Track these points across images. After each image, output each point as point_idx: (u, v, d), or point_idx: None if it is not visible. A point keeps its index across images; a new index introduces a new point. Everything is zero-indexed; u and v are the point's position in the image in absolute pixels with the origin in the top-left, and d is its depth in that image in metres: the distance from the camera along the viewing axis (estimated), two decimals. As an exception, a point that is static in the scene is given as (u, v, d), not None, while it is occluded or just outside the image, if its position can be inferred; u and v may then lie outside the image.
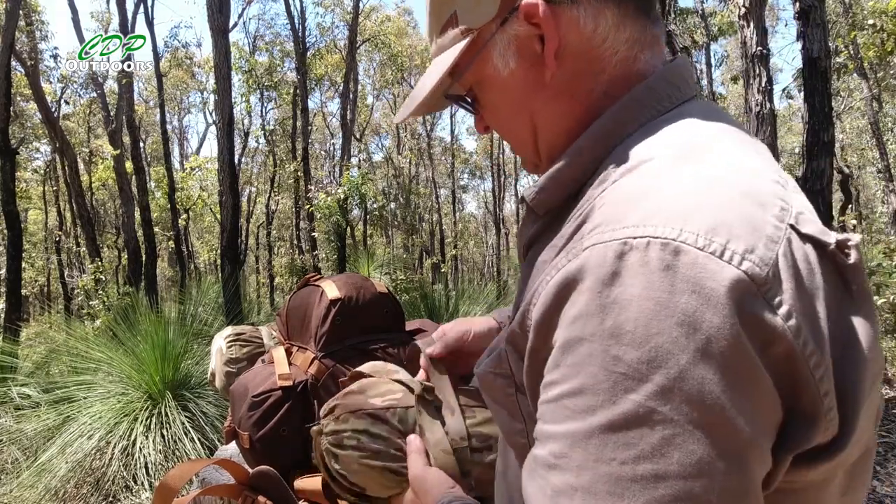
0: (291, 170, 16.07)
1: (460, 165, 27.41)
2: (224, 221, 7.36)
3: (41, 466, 3.33)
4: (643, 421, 0.39)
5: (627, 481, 0.39)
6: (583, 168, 0.53)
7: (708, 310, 0.38)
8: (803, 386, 0.40)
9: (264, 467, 1.09)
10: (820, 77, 4.16)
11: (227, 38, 7.55)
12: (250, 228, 21.63)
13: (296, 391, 1.17)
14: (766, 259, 0.40)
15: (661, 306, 0.39)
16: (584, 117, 0.56)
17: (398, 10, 22.70)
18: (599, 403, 0.40)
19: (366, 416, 0.85)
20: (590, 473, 0.40)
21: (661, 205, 0.43)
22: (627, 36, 0.54)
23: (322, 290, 1.29)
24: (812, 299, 0.41)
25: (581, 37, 0.54)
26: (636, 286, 0.40)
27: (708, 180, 0.44)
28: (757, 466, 0.40)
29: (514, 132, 0.62)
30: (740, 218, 0.42)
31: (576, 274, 0.43)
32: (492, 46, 0.57)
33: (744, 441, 0.39)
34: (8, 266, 6.90)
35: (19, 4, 6.88)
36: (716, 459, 0.38)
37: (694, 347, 0.38)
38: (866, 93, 11.77)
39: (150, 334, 3.88)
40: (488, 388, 0.60)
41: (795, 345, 0.40)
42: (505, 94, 0.59)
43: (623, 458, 0.39)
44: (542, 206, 0.57)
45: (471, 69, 0.59)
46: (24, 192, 17.49)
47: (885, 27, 6.97)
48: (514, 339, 0.53)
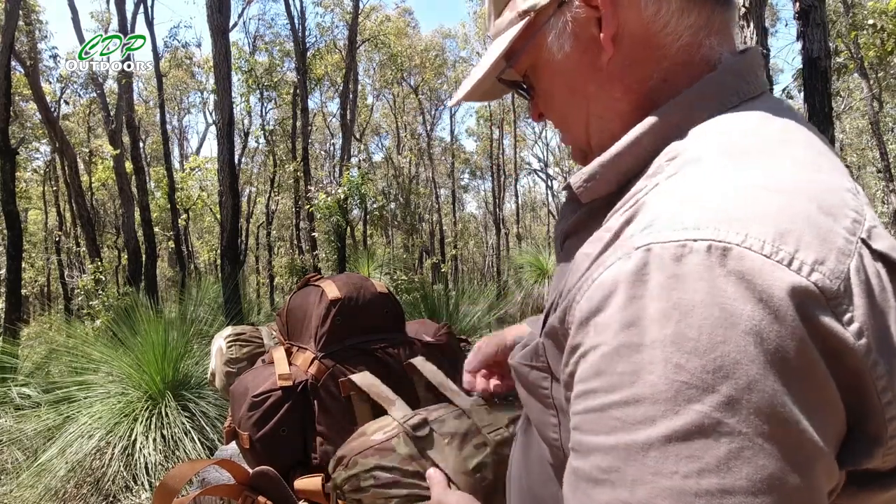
0: (291, 170, 16.07)
1: (460, 165, 27.41)
2: (224, 221, 7.36)
3: (41, 466, 3.33)
4: (708, 432, 0.37)
5: (690, 496, 0.36)
6: (637, 159, 0.51)
7: (776, 320, 0.37)
8: (868, 406, 0.39)
9: (264, 467, 1.09)
10: (820, 77, 4.16)
11: (227, 38, 7.55)
12: (250, 228, 21.63)
13: (296, 391, 1.17)
14: (837, 273, 0.38)
15: (727, 314, 0.37)
16: (640, 105, 0.54)
17: (398, 10, 22.69)
18: (660, 414, 0.38)
19: (373, 454, 0.88)
20: (647, 488, 0.38)
21: (723, 206, 0.41)
22: (692, 21, 0.52)
23: (322, 290, 1.29)
24: (884, 319, 0.39)
25: (641, 21, 0.52)
26: (699, 291, 0.38)
27: (775, 184, 0.42)
28: (824, 479, 0.38)
29: (566, 118, 0.61)
30: (809, 227, 0.40)
31: (628, 275, 0.41)
32: (548, 29, 0.55)
33: (814, 454, 0.37)
34: (8, 266, 6.90)
35: (19, 4, 6.88)
36: (786, 474, 0.36)
37: (763, 358, 0.36)
38: (866, 93, 11.77)
39: (150, 334, 3.87)
40: (523, 380, 0.58)
41: (864, 364, 0.38)
42: (559, 78, 0.57)
43: (686, 472, 0.37)
44: (588, 195, 0.55)
45: (526, 52, 0.58)
46: (24, 192, 17.49)
47: (885, 27, 6.97)
48: (554, 335, 0.51)
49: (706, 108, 0.50)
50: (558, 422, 0.54)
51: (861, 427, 0.40)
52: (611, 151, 0.52)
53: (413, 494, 0.85)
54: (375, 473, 0.86)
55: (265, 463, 1.11)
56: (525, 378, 0.58)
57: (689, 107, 0.50)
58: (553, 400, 0.54)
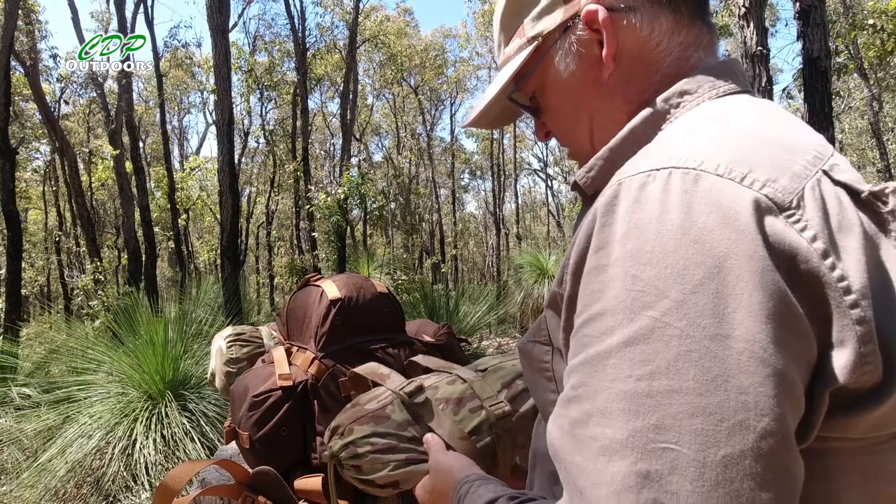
0: (291, 170, 16.06)
1: (460, 165, 27.42)
2: (224, 221, 7.36)
3: (41, 466, 3.33)
4: (659, 336, 0.39)
5: (642, 397, 0.38)
6: (632, 146, 0.55)
7: (725, 227, 0.39)
8: (833, 312, 0.39)
9: (264, 467, 1.09)
10: (820, 77, 4.16)
11: (227, 38, 7.55)
12: (250, 228, 21.63)
13: (296, 391, 1.17)
14: (790, 189, 0.41)
15: (678, 226, 0.40)
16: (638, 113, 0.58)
17: (398, 9, 22.68)
18: (618, 323, 0.41)
19: (368, 420, 0.88)
20: (605, 394, 0.40)
21: (688, 144, 0.45)
22: (682, 39, 0.58)
23: (322, 290, 1.29)
24: (842, 232, 0.41)
25: (637, 41, 0.58)
26: (655, 210, 0.41)
27: (740, 130, 0.47)
28: (783, 394, 0.37)
29: (572, 133, 0.66)
30: (766, 157, 0.43)
31: (601, 208, 0.45)
32: (554, 51, 0.61)
33: (764, 359, 0.37)
34: (8, 266, 6.90)
35: (18, 4, 6.87)
36: (732, 376, 0.37)
37: (710, 263, 0.38)
38: (866, 93, 11.77)
39: (150, 334, 3.87)
40: (528, 358, 0.61)
41: (822, 266, 0.39)
42: (565, 95, 0.63)
43: (639, 375, 0.39)
44: (591, 187, 0.59)
45: (535, 74, 0.64)
46: (24, 192, 17.49)
47: (885, 27, 6.97)
48: (553, 301, 0.54)
49: (690, 101, 0.55)
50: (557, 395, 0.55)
51: (829, 339, 0.40)
52: (608, 145, 0.58)
53: (411, 458, 0.86)
54: (372, 440, 0.86)
55: (265, 463, 1.11)
56: (529, 356, 0.61)
57: (675, 100, 0.56)
58: (553, 373, 0.58)
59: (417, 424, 0.89)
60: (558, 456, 0.45)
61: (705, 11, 0.60)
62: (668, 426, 0.38)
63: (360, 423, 0.88)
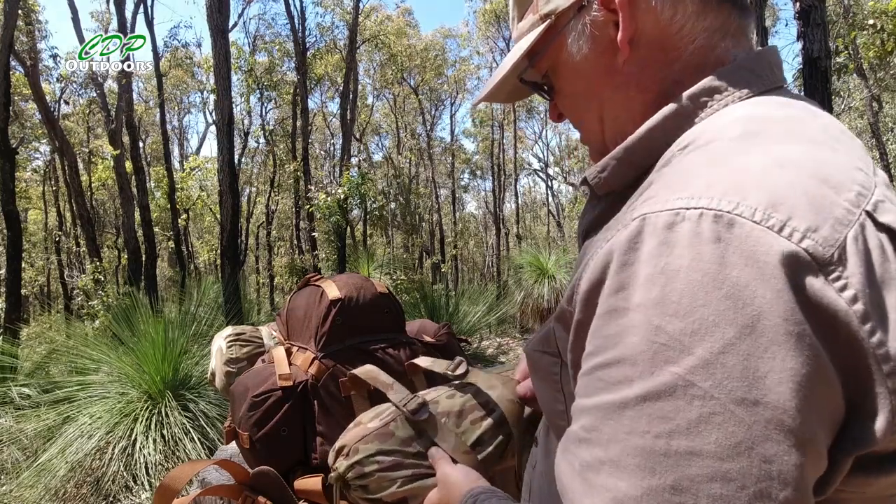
0: (291, 170, 16.06)
1: (460, 165, 27.41)
2: (224, 221, 7.36)
3: (41, 466, 3.33)
4: (681, 394, 0.37)
5: (659, 455, 0.37)
6: (649, 151, 0.52)
7: (760, 284, 0.36)
8: (868, 379, 0.37)
9: (264, 468, 1.09)
10: (820, 77, 4.15)
11: (227, 38, 7.54)
12: (250, 228, 21.62)
13: (296, 391, 1.17)
14: (831, 240, 0.38)
15: (710, 278, 0.37)
16: (654, 106, 0.54)
17: (398, 9, 22.67)
18: (637, 375, 0.38)
19: (373, 439, 0.88)
20: (619, 446, 0.38)
21: (721, 178, 0.41)
22: (708, 24, 0.53)
23: (322, 290, 1.29)
24: (885, 289, 0.38)
25: (658, 24, 0.53)
26: (685, 257, 0.38)
27: (777, 159, 0.42)
28: (808, 461, 0.36)
29: (583, 118, 0.62)
30: (806, 197, 0.39)
31: (622, 244, 0.42)
32: (567, 31, 0.57)
33: (792, 427, 0.35)
34: (8, 266, 6.90)
35: (17, 4, 6.87)
36: (757, 443, 0.35)
37: (742, 322, 0.36)
38: (866, 93, 11.77)
39: (150, 334, 3.87)
40: (535, 367, 0.60)
41: (861, 331, 0.37)
42: (577, 79, 0.59)
43: (657, 432, 0.37)
44: (603, 187, 0.56)
45: (546, 53, 0.60)
46: (24, 192, 17.48)
47: (885, 27, 6.97)
48: (562, 316, 0.52)
49: (718, 99, 0.50)
50: (565, 408, 0.55)
51: (861, 406, 0.38)
52: (623, 145, 0.53)
53: (417, 474, 0.86)
54: (378, 458, 0.86)
55: (265, 463, 1.11)
56: (537, 364, 0.59)
57: (701, 97, 0.51)
58: (562, 385, 0.56)
59: (421, 439, 0.89)
60: (566, 494, 0.43)
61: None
62: (685, 488, 0.36)
63: (365, 441, 0.88)
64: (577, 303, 0.46)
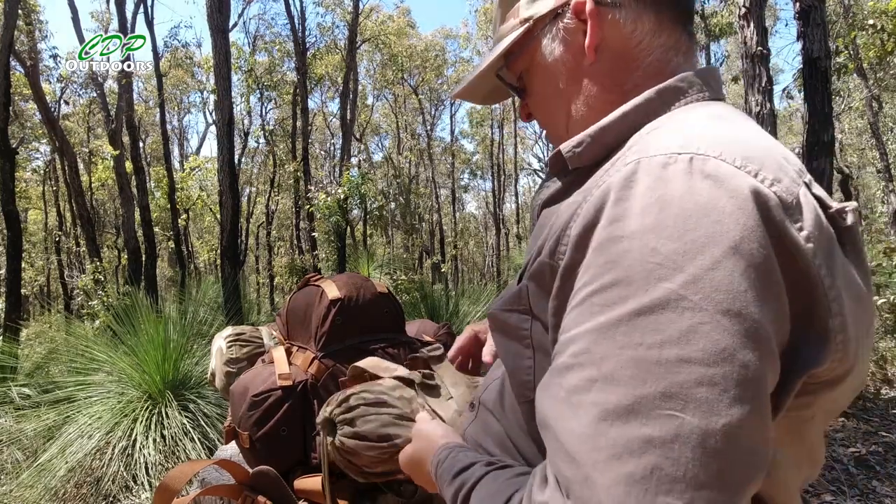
0: (291, 170, 16.06)
1: (460, 165, 27.41)
2: (224, 221, 7.36)
3: (41, 466, 3.32)
4: (674, 307, 0.41)
5: (651, 364, 0.40)
6: (618, 135, 0.58)
7: (742, 215, 0.42)
8: (817, 306, 0.44)
9: (264, 467, 1.09)
10: (820, 77, 4.15)
11: (227, 38, 7.54)
12: (250, 228, 21.62)
13: (296, 391, 1.17)
14: (791, 191, 0.45)
15: (700, 206, 0.43)
16: (616, 106, 0.60)
17: (398, 9, 22.66)
18: (632, 293, 0.42)
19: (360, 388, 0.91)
20: (613, 361, 0.42)
21: (704, 136, 0.48)
22: (663, 41, 0.61)
23: (322, 290, 1.29)
24: (823, 238, 0.45)
25: (620, 36, 0.61)
26: (678, 189, 0.44)
27: (744, 131, 0.50)
28: (769, 368, 0.41)
29: (551, 116, 0.69)
30: (770, 158, 0.47)
31: (617, 183, 0.47)
32: (542, 35, 0.65)
33: (764, 338, 0.41)
34: (8, 266, 6.90)
35: (18, 4, 6.87)
36: (738, 350, 0.40)
37: (727, 244, 0.41)
38: (866, 93, 11.77)
39: (150, 334, 3.87)
40: (502, 326, 0.63)
41: (813, 265, 0.43)
42: (548, 79, 0.66)
43: (650, 343, 0.41)
44: (576, 161, 0.61)
45: (522, 54, 0.67)
46: (24, 192, 17.49)
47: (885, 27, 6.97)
48: (540, 272, 0.55)
49: (678, 98, 0.59)
50: (533, 362, 0.60)
51: (811, 330, 0.44)
52: (598, 124, 0.59)
53: (403, 414, 0.87)
54: (363, 395, 0.88)
55: (265, 462, 1.11)
56: (504, 323, 0.63)
57: (666, 94, 0.59)
58: (532, 340, 0.60)
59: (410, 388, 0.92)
60: (548, 423, 0.46)
61: (688, 20, 0.64)
62: (674, 394, 0.39)
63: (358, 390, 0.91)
64: (566, 250, 0.51)
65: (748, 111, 4.61)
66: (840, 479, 3.10)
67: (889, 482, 3.11)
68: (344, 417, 0.87)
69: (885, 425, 3.88)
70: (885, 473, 3.22)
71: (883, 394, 4.62)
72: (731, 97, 20.52)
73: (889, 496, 2.97)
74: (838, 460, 3.33)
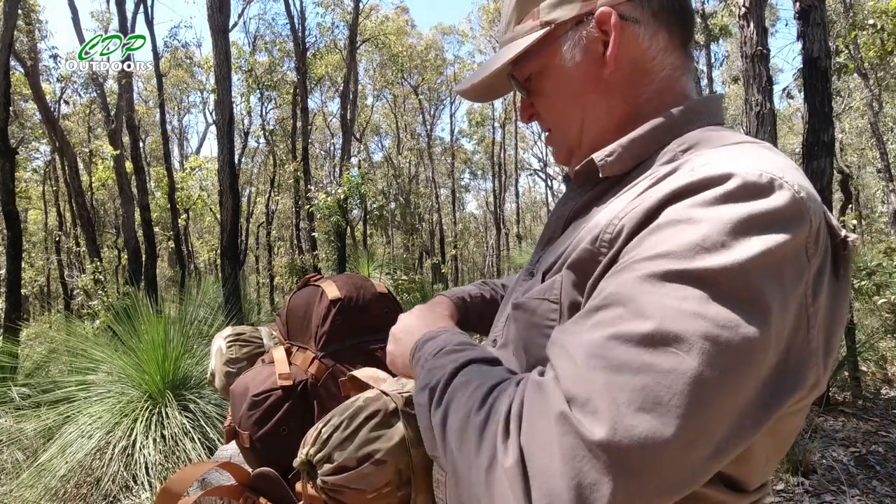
0: (291, 170, 16.06)
1: (460, 165, 27.41)
2: (224, 221, 7.36)
3: (41, 466, 3.32)
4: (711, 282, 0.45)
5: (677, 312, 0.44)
6: (646, 149, 0.62)
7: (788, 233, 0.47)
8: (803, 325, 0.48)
9: (265, 469, 1.08)
10: (820, 77, 4.15)
11: (227, 38, 7.54)
12: (250, 228, 21.62)
13: (296, 391, 1.17)
14: (818, 228, 0.49)
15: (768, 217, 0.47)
16: (631, 114, 0.65)
17: (398, 9, 22.65)
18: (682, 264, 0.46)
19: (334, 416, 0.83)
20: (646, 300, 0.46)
21: (757, 159, 0.51)
22: (673, 60, 0.65)
23: (322, 290, 1.29)
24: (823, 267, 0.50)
25: (638, 50, 0.64)
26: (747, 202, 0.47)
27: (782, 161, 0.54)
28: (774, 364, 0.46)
29: (562, 119, 0.71)
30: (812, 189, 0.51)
31: (682, 189, 0.50)
32: (563, 41, 0.66)
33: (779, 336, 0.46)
34: (8, 266, 6.90)
35: (17, 4, 6.87)
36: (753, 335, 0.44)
37: (781, 251, 0.46)
38: (866, 93, 11.76)
39: (150, 334, 3.87)
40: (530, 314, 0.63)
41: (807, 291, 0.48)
42: (565, 83, 0.68)
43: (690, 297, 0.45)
44: (608, 170, 0.63)
45: (539, 57, 0.68)
46: (24, 192, 17.49)
47: (885, 27, 6.97)
48: (579, 263, 0.57)
49: (696, 120, 0.63)
50: None
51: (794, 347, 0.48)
52: (630, 136, 0.63)
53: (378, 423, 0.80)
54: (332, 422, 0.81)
55: (265, 462, 1.11)
56: (535, 312, 0.63)
57: (689, 115, 0.63)
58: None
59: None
60: (557, 340, 0.51)
61: (690, 42, 0.68)
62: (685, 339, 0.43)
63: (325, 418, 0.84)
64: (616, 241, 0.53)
65: (748, 111, 4.61)
66: (840, 479, 3.10)
67: (889, 482, 3.11)
68: (321, 455, 0.80)
69: (885, 425, 3.88)
70: (885, 473, 3.22)
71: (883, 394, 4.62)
72: (731, 97, 20.53)
73: (889, 496, 2.97)
74: (838, 460, 3.33)
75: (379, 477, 0.79)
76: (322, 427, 0.82)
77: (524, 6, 0.69)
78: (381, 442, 0.79)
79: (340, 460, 0.78)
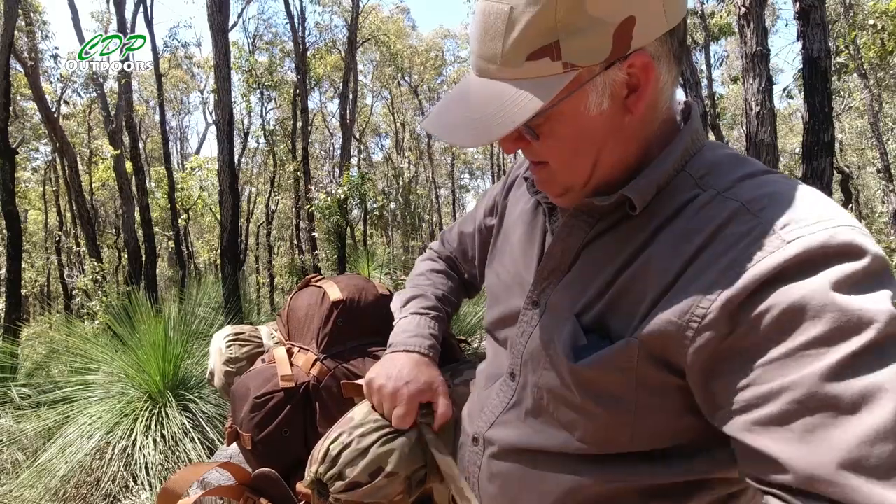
0: (291, 170, 16.06)
1: (460, 165, 27.40)
2: (224, 221, 7.35)
3: (41, 466, 3.32)
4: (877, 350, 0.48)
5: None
6: (669, 174, 0.63)
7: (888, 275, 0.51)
8: None
9: (266, 469, 1.08)
10: (820, 77, 4.15)
11: (227, 38, 7.54)
12: (250, 228, 21.61)
13: (298, 392, 1.17)
14: None
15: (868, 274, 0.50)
16: (641, 152, 0.65)
17: (397, 9, 22.64)
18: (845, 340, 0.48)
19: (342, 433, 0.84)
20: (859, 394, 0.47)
21: (819, 208, 0.54)
22: (672, 90, 0.64)
23: (324, 291, 1.29)
24: None
25: (657, 89, 0.61)
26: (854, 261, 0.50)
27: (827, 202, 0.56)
28: None
29: (571, 163, 0.64)
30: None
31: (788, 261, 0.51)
32: (592, 86, 0.57)
33: None
34: (8, 266, 6.89)
35: (17, 4, 6.87)
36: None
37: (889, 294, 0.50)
38: (866, 93, 11.76)
39: (150, 334, 3.87)
40: (594, 380, 0.62)
41: None
42: (586, 130, 0.61)
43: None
44: (640, 202, 0.62)
45: (565, 102, 0.58)
46: (24, 192, 17.48)
47: (885, 27, 6.97)
48: (662, 336, 0.57)
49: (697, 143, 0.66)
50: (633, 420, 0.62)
51: None
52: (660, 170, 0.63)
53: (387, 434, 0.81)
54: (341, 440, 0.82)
55: (267, 464, 1.11)
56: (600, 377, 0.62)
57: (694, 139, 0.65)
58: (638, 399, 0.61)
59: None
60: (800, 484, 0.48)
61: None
62: None
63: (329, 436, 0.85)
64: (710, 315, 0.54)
65: (748, 111, 4.61)
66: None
67: (889, 482, 3.11)
68: (332, 473, 0.80)
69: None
70: (885, 474, 3.21)
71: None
72: (731, 97, 20.52)
73: (889, 496, 2.96)
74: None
75: (392, 488, 0.81)
76: (329, 444, 0.82)
77: (535, 38, 0.55)
78: (390, 455, 0.80)
79: (352, 476, 0.80)
